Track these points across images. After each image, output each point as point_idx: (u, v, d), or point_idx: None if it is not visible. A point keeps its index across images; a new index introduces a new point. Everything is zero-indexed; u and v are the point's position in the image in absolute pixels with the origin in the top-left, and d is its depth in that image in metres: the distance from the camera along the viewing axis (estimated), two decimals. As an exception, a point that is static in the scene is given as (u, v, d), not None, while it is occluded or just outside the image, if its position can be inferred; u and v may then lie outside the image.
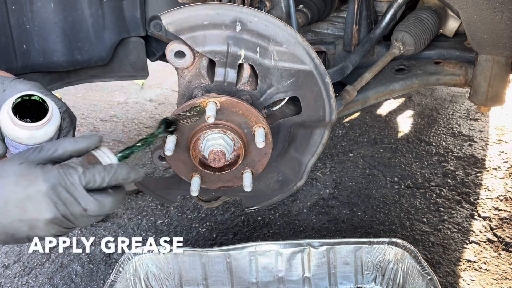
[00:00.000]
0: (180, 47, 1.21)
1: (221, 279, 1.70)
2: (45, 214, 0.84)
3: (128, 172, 0.92)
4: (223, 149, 1.20)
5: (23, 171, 0.83)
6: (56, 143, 0.89)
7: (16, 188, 0.82)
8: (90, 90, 3.95)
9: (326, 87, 1.26)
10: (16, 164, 0.84)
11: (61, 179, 0.84)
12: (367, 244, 1.67)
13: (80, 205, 0.86)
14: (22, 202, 0.83)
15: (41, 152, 0.87)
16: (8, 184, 0.83)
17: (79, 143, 0.90)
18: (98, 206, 0.87)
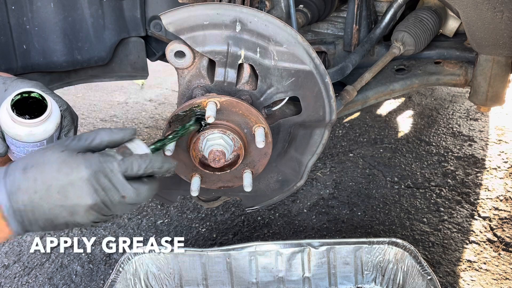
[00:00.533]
0: (180, 47, 1.21)
1: (221, 279, 1.70)
2: (86, 200, 0.85)
3: (162, 161, 0.94)
4: (223, 149, 1.20)
5: (65, 158, 0.85)
6: (93, 133, 0.91)
7: (59, 175, 0.84)
8: (90, 90, 3.95)
9: (326, 87, 1.26)
10: (58, 152, 0.86)
11: (102, 166, 0.86)
12: (367, 244, 1.67)
13: (119, 192, 0.87)
14: (64, 188, 0.85)
15: (80, 141, 0.89)
16: (51, 170, 0.84)
17: (115, 134, 0.93)
18: (135, 194, 0.89)
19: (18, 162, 0.87)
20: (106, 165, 0.87)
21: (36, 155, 0.87)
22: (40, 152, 0.88)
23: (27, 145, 1.06)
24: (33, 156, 0.87)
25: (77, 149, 0.88)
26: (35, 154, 0.87)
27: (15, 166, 0.86)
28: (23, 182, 0.84)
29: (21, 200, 0.84)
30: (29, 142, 1.05)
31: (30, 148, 1.07)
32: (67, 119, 1.11)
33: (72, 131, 1.12)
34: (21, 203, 0.84)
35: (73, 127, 1.13)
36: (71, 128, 1.12)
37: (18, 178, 0.85)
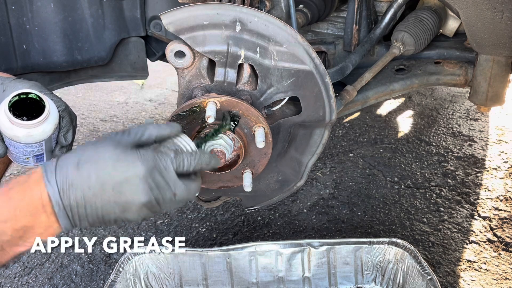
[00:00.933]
0: (180, 47, 1.21)
1: (221, 279, 1.70)
2: (141, 198, 0.85)
3: (210, 158, 0.95)
4: (223, 149, 1.20)
5: (120, 155, 0.85)
6: (142, 127, 0.90)
7: (115, 172, 0.84)
8: (90, 90, 3.95)
9: (326, 87, 1.26)
10: (112, 147, 0.85)
11: (157, 163, 0.86)
12: (367, 244, 1.67)
13: (171, 190, 0.88)
14: (119, 185, 0.84)
15: (130, 135, 0.88)
16: (106, 167, 0.84)
17: (163, 129, 0.92)
18: (186, 191, 0.90)
19: (70, 156, 0.86)
20: (160, 162, 0.87)
21: (88, 150, 0.86)
22: (92, 147, 0.87)
23: (25, 146, 1.06)
24: (85, 151, 0.86)
25: (129, 144, 0.87)
26: (87, 149, 0.86)
27: (67, 161, 0.85)
28: (76, 178, 0.83)
29: (73, 196, 0.83)
30: (27, 143, 1.05)
31: (29, 149, 1.07)
32: (66, 119, 1.11)
33: (70, 131, 1.12)
34: (73, 199, 0.84)
35: (71, 127, 1.13)
36: (70, 128, 1.12)
37: (71, 174, 0.83)
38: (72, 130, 1.13)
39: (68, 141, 1.12)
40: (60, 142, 1.12)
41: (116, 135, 0.89)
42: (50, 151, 1.12)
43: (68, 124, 1.11)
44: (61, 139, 1.11)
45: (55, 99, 1.10)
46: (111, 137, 0.89)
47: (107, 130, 3.18)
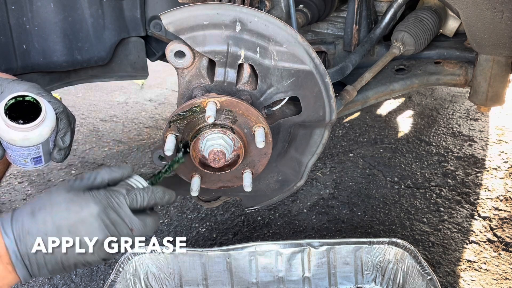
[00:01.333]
0: (180, 47, 1.21)
1: (221, 279, 1.70)
2: (98, 235, 0.87)
3: (163, 192, 0.97)
4: (223, 149, 1.20)
5: (72, 198, 0.86)
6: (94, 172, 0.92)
7: (68, 214, 0.85)
8: (90, 90, 3.95)
9: (326, 87, 1.26)
10: (64, 192, 0.87)
11: (110, 200, 0.88)
12: (367, 244, 1.67)
13: (127, 225, 0.89)
14: (74, 227, 0.86)
15: (83, 181, 0.90)
16: (60, 211, 0.85)
17: (114, 172, 0.95)
18: (142, 226, 0.92)
19: (25, 206, 0.87)
20: (113, 199, 0.88)
21: (42, 198, 0.87)
22: (45, 194, 0.88)
23: (22, 149, 1.05)
24: (39, 199, 0.87)
25: (81, 188, 0.89)
26: (41, 198, 0.88)
27: (21, 211, 0.86)
28: (32, 226, 0.84)
29: (30, 243, 0.84)
30: (24, 146, 1.04)
31: (26, 152, 1.06)
32: (63, 121, 1.10)
33: (68, 133, 1.11)
34: (30, 247, 0.84)
35: (69, 129, 1.12)
36: (68, 131, 1.11)
37: (27, 222, 0.84)
38: (70, 132, 1.12)
39: (66, 144, 1.11)
40: (58, 145, 1.11)
41: (69, 181, 0.91)
42: (48, 153, 1.11)
43: (66, 126, 1.10)
44: (59, 142, 1.10)
45: (52, 101, 1.09)
46: (64, 184, 0.91)
47: (107, 130, 3.18)
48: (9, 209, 2.32)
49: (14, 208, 0.90)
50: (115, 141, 3.03)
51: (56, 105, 1.09)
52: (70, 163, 2.74)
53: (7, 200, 2.43)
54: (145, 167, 2.68)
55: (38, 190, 2.49)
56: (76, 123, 1.19)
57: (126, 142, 3.01)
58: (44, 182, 2.55)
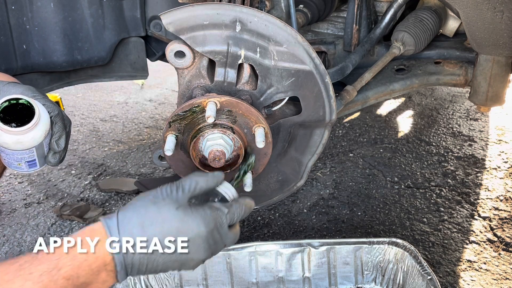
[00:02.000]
0: (180, 47, 1.21)
1: (221, 279, 1.70)
2: (201, 255, 0.92)
3: (251, 203, 1.02)
4: (223, 149, 1.20)
5: (183, 217, 0.89)
6: (193, 182, 0.94)
7: (179, 233, 0.90)
8: (90, 90, 3.95)
9: (326, 87, 1.26)
10: (173, 209, 0.89)
11: (215, 223, 0.92)
12: (367, 244, 1.67)
13: (223, 242, 0.95)
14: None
15: (184, 192, 0.93)
16: (172, 229, 0.89)
17: (210, 182, 0.98)
18: (233, 240, 0.97)
19: (132, 215, 0.89)
20: (218, 221, 0.93)
21: (151, 209, 0.89)
22: (153, 207, 0.90)
23: (16, 153, 1.04)
24: (147, 211, 0.89)
25: (186, 201, 0.92)
26: (149, 210, 0.89)
27: (130, 222, 0.88)
28: (141, 239, 0.88)
29: (138, 257, 0.88)
30: (17, 150, 1.03)
31: (20, 156, 1.05)
32: (58, 125, 1.09)
33: (63, 137, 1.10)
34: (136, 259, 0.88)
35: (64, 133, 1.11)
36: (62, 134, 1.10)
37: (136, 234, 0.87)
38: (65, 136, 1.11)
39: (61, 147, 1.10)
40: (53, 148, 1.10)
41: (172, 191, 0.92)
42: (43, 157, 1.10)
43: (60, 130, 1.09)
44: (54, 145, 1.10)
45: (48, 104, 1.07)
46: (168, 194, 0.92)
47: (107, 130, 3.18)
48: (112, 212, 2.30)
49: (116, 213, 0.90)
50: (115, 141, 3.03)
51: (51, 108, 1.08)
52: (70, 163, 2.74)
53: (7, 200, 2.43)
54: (145, 167, 2.68)
55: (38, 190, 2.49)
56: (76, 123, 1.18)
57: (126, 142, 3.01)
58: (44, 182, 2.56)
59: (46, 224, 2.22)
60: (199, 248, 0.91)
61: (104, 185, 2.47)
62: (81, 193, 2.46)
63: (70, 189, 2.50)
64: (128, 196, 2.39)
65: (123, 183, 2.47)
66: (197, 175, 0.96)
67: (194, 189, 0.94)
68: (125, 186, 2.44)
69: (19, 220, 2.26)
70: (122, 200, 2.36)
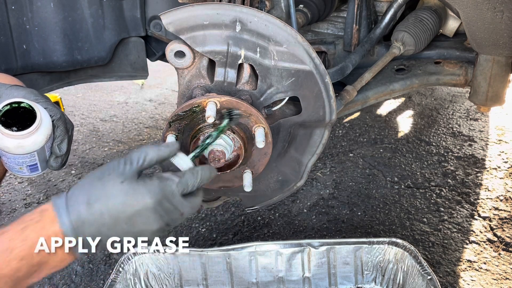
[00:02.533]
0: (180, 47, 1.21)
1: (221, 279, 1.70)
2: (153, 226, 0.91)
3: (210, 172, 0.99)
4: (223, 149, 1.20)
5: (128, 190, 0.89)
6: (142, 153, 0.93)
7: (125, 207, 0.88)
8: (90, 90, 3.95)
9: (326, 87, 1.26)
10: (118, 183, 0.89)
11: (164, 192, 0.91)
12: (367, 244, 1.67)
13: (179, 211, 0.93)
14: (131, 219, 0.89)
15: (132, 165, 0.91)
16: (116, 203, 0.88)
17: (162, 152, 0.96)
18: (191, 208, 0.95)
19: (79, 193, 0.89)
20: (167, 190, 0.91)
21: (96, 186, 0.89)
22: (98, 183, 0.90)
23: (17, 157, 1.04)
24: (92, 188, 0.89)
25: (133, 175, 0.91)
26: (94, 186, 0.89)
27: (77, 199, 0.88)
28: (89, 217, 0.88)
29: (87, 232, 0.88)
30: (18, 154, 1.03)
31: (21, 160, 1.05)
32: (60, 128, 1.09)
33: (65, 141, 1.10)
34: (87, 234, 0.89)
35: (66, 137, 1.10)
36: (64, 138, 1.10)
37: (84, 212, 0.87)
38: (67, 140, 1.11)
39: (63, 151, 1.10)
40: (55, 152, 1.10)
41: (119, 165, 0.91)
42: (45, 161, 1.10)
43: (62, 133, 1.09)
44: (55, 149, 1.09)
45: (50, 107, 1.07)
46: (114, 168, 0.91)
47: (107, 130, 3.18)
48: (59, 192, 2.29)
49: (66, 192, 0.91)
50: (115, 141, 3.03)
51: (53, 111, 1.07)
52: (70, 163, 2.74)
53: (7, 200, 2.43)
54: (145, 167, 2.68)
55: (38, 190, 2.49)
56: (76, 123, 1.18)
57: (126, 142, 3.01)
58: (44, 182, 2.56)
59: (46, 224, 2.21)
60: (148, 220, 0.90)
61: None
62: (81, 193, 2.46)
63: (70, 189, 2.50)
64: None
65: (123, 183, 2.46)
66: (147, 147, 0.95)
67: (143, 161, 0.92)
68: (125, 186, 2.43)
69: (19, 220, 2.26)
70: (122, 200, 2.36)
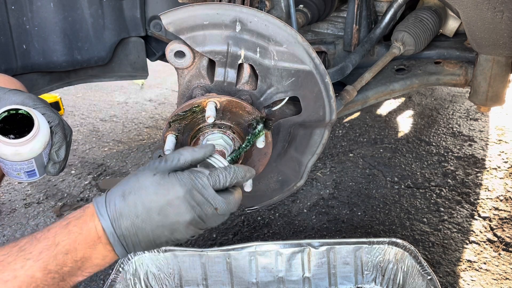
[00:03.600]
0: (180, 47, 1.21)
1: (221, 279, 1.70)
2: (185, 217, 0.91)
3: (245, 171, 0.99)
4: (223, 149, 1.20)
5: (159, 181, 0.90)
6: (177, 154, 0.95)
7: (157, 197, 0.89)
8: (90, 90, 3.95)
9: (326, 87, 1.26)
10: (151, 176, 0.91)
11: (194, 183, 0.91)
12: (367, 244, 1.67)
13: (212, 205, 0.93)
14: (163, 209, 0.90)
15: (167, 162, 0.94)
16: (148, 194, 0.90)
17: (197, 153, 0.97)
18: (226, 204, 0.95)
19: (116, 189, 0.92)
20: (197, 181, 0.92)
21: (131, 180, 0.92)
22: (133, 177, 0.92)
23: (14, 164, 1.03)
24: (128, 182, 0.92)
25: (166, 170, 0.93)
26: (129, 180, 0.92)
27: (113, 194, 0.91)
28: (124, 208, 0.89)
29: (124, 225, 0.89)
30: (15, 161, 1.02)
31: (19, 166, 1.04)
32: (58, 135, 1.08)
33: (63, 147, 1.09)
34: (124, 228, 0.89)
35: (64, 143, 1.10)
36: (63, 144, 1.09)
37: (119, 205, 0.89)
38: (65, 146, 1.10)
39: (61, 158, 1.09)
40: (52, 159, 1.09)
41: (154, 163, 0.94)
42: (43, 167, 1.09)
43: (61, 140, 1.08)
44: (53, 156, 1.08)
45: (48, 113, 1.06)
46: (149, 166, 0.94)
47: (107, 130, 3.18)
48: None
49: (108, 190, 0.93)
50: (115, 141, 3.03)
51: (51, 117, 1.06)
52: (70, 163, 2.74)
53: (7, 200, 2.43)
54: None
55: (38, 190, 2.49)
56: (76, 123, 1.18)
57: (126, 142, 3.01)
58: (44, 182, 2.56)
59: (46, 224, 2.22)
60: (179, 210, 0.90)
61: (104, 185, 2.47)
62: (81, 193, 2.46)
63: (70, 189, 2.50)
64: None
65: (123, 183, 2.47)
66: (183, 148, 0.97)
67: (178, 160, 0.94)
68: (125, 186, 2.44)
69: (19, 220, 2.26)
70: (122, 200, 2.37)
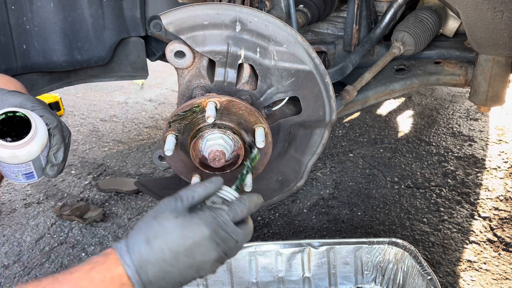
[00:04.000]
0: (180, 47, 1.21)
1: (221, 279, 1.70)
2: (212, 255, 0.93)
3: (256, 200, 1.02)
4: (223, 149, 1.20)
5: (183, 224, 0.91)
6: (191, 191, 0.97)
7: (184, 240, 0.91)
8: (90, 90, 3.95)
9: (326, 87, 1.26)
10: (173, 218, 0.92)
11: (217, 221, 0.94)
12: (367, 244, 1.67)
13: (234, 239, 0.95)
14: (190, 251, 0.91)
15: (183, 202, 0.95)
16: (174, 238, 0.91)
17: (208, 188, 0.99)
18: (245, 236, 0.98)
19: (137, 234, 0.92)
20: (219, 218, 0.94)
21: (152, 225, 0.92)
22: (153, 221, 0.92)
23: (12, 166, 1.03)
24: (149, 227, 0.92)
25: (185, 210, 0.94)
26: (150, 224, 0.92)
27: (136, 240, 0.91)
28: (150, 255, 0.89)
29: (151, 272, 0.90)
30: (13, 163, 1.02)
31: (16, 169, 1.04)
32: (57, 137, 1.07)
33: (61, 150, 1.09)
34: (151, 274, 0.90)
35: (63, 145, 1.09)
36: (61, 147, 1.08)
37: (145, 252, 0.90)
38: (63, 148, 1.09)
39: (59, 160, 1.09)
40: (50, 161, 1.08)
41: (170, 203, 0.95)
42: (41, 169, 1.09)
43: (59, 142, 1.08)
44: (51, 158, 1.08)
45: (46, 115, 1.06)
46: (166, 207, 0.94)
47: (107, 130, 3.18)
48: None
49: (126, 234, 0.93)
50: (115, 141, 3.03)
51: (50, 119, 1.06)
52: (70, 163, 2.74)
53: (7, 200, 2.43)
54: (145, 167, 2.68)
55: (38, 190, 2.49)
56: (76, 123, 1.18)
57: (126, 142, 3.01)
58: (44, 182, 2.56)
59: (46, 224, 2.22)
60: (207, 249, 0.92)
61: (104, 185, 2.47)
62: (81, 193, 2.46)
63: (70, 189, 2.50)
64: (128, 196, 2.39)
65: (123, 183, 2.47)
66: (194, 185, 0.99)
67: (192, 198, 0.96)
68: (125, 186, 2.44)
69: (19, 220, 2.26)
70: (122, 200, 2.36)
